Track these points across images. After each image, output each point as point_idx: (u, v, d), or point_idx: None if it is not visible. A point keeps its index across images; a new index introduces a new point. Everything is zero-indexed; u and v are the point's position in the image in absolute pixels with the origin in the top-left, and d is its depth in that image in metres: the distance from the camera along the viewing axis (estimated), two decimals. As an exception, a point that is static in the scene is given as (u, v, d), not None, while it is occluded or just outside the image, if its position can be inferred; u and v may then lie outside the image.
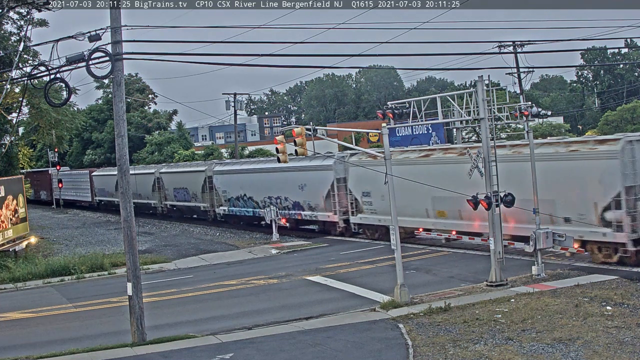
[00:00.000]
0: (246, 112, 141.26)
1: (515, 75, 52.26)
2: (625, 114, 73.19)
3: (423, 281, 22.62)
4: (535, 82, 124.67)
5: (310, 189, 35.99)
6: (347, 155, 34.05)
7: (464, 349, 14.56)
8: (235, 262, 30.16)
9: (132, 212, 17.29)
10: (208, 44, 19.98)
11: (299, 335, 16.86)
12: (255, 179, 40.68)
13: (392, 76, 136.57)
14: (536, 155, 22.37)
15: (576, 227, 22.94)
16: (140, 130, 73.61)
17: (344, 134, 71.59)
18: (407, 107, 22.33)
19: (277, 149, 21.70)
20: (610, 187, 22.08)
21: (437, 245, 29.48)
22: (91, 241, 40.75)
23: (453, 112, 22.95)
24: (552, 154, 23.95)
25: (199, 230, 44.14)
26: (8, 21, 36.23)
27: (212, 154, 66.73)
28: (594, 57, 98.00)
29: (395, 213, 19.75)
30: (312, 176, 35.69)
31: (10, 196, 32.77)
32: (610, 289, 18.87)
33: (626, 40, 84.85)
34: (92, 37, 16.14)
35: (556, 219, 23.27)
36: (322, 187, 35.03)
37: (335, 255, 29.69)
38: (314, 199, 35.87)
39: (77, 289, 26.41)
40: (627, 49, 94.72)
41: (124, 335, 17.61)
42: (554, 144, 24.49)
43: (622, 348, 13.75)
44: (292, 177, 37.00)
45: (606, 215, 22.32)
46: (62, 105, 33.60)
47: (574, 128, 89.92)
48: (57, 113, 39.33)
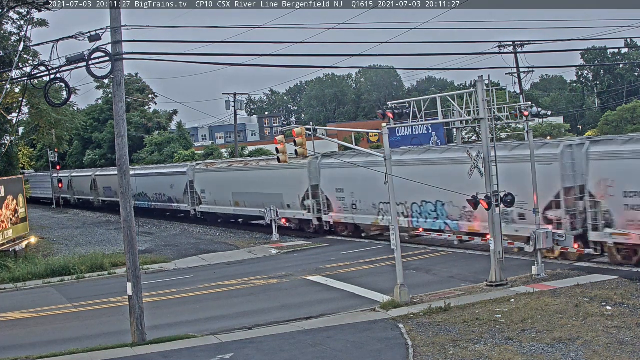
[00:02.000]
0: (246, 112, 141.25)
1: (515, 75, 52.26)
2: (625, 114, 73.21)
3: (423, 281, 22.62)
4: (535, 82, 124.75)
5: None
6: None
7: (464, 349, 14.56)
8: (235, 262, 30.16)
9: (132, 212, 17.28)
10: (208, 44, 19.99)
11: (299, 335, 16.86)
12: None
13: (392, 76, 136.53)
14: None
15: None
16: (140, 130, 73.60)
17: (344, 134, 71.58)
18: (407, 107, 22.32)
19: (277, 149, 21.71)
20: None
21: (437, 245, 29.50)
22: (91, 241, 40.75)
23: (453, 112, 22.95)
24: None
25: (199, 230, 44.16)
26: (8, 21, 36.20)
27: (212, 154, 66.73)
28: (594, 57, 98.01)
29: (395, 213, 19.74)
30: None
31: (10, 196, 32.77)
32: (610, 289, 18.87)
33: (626, 40, 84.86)
34: (92, 37, 16.14)
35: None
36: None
37: (335, 255, 29.70)
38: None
39: (77, 289, 26.40)
40: (627, 49, 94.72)
41: (124, 335, 17.61)
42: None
43: (622, 348, 13.76)
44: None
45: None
46: (62, 105, 33.57)
47: (574, 128, 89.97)
48: (57, 113, 39.32)
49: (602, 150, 22.88)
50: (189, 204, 47.48)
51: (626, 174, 21.66)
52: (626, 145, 22.25)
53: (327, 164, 34.64)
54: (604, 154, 22.71)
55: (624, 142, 22.60)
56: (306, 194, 36.23)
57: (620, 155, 22.12)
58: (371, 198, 31.92)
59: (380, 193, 28.82)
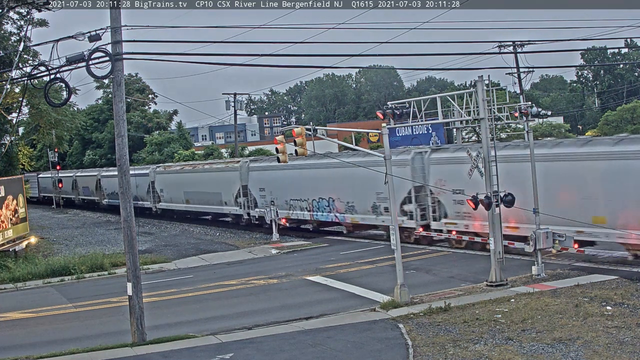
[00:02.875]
0: (246, 112, 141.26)
1: (515, 75, 52.23)
2: (625, 114, 73.20)
3: (423, 281, 22.62)
4: (535, 82, 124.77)
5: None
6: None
7: (464, 349, 14.56)
8: (235, 262, 30.17)
9: (132, 212, 17.28)
10: (208, 44, 19.97)
11: (299, 335, 16.86)
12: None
13: (392, 76, 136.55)
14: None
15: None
16: (140, 130, 73.60)
17: (344, 134, 71.57)
18: (407, 107, 22.32)
19: (277, 149, 21.72)
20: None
21: (437, 245, 29.50)
22: (91, 241, 40.77)
23: (453, 112, 22.96)
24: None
25: (199, 230, 44.20)
26: (8, 21, 36.20)
27: (212, 154, 66.74)
28: (594, 57, 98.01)
29: (395, 213, 19.74)
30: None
31: (10, 196, 32.77)
32: (610, 289, 18.87)
33: (626, 40, 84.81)
34: (92, 37, 16.13)
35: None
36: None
37: (335, 255, 29.70)
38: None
39: (77, 289, 26.41)
40: (627, 49, 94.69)
41: (124, 335, 17.61)
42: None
43: (622, 348, 13.75)
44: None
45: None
46: (62, 105, 33.57)
47: (574, 128, 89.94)
48: (57, 113, 39.33)
49: (438, 157, 29.02)
50: (150, 202, 53.78)
51: (453, 175, 27.30)
52: (456, 152, 27.83)
53: (255, 167, 40.87)
54: (439, 160, 28.76)
55: (455, 149, 28.26)
56: (238, 193, 41.76)
57: (449, 161, 28.08)
58: (284, 195, 37.89)
59: (291, 191, 37.23)
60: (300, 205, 37.23)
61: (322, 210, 35.68)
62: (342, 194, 33.97)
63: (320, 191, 35.53)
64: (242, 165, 41.78)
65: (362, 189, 32.31)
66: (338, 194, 34.21)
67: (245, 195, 41.37)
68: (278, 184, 38.42)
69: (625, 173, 21.61)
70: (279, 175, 37.78)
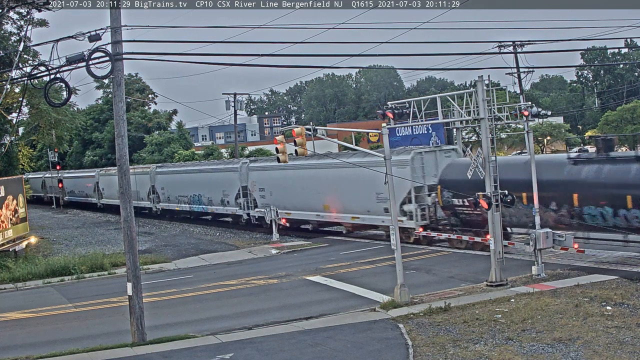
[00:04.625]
0: (246, 112, 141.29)
1: (515, 75, 52.24)
2: (625, 114, 73.24)
3: (423, 281, 22.62)
4: (535, 82, 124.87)
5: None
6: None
7: (464, 349, 14.56)
8: (235, 262, 30.16)
9: (132, 212, 17.27)
10: (208, 44, 19.97)
11: (298, 335, 16.86)
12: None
13: (392, 76, 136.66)
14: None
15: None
16: (140, 130, 73.54)
17: (344, 134, 71.58)
18: (407, 107, 22.33)
19: (277, 149, 21.69)
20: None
21: (437, 245, 29.51)
22: (91, 241, 40.76)
23: (453, 112, 22.95)
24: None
25: (199, 230, 44.19)
26: (8, 21, 36.21)
27: (212, 154, 66.72)
28: (594, 57, 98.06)
29: (395, 213, 19.73)
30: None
31: (10, 196, 32.77)
32: (610, 289, 18.86)
33: (626, 40, 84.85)
34: (92, 37, 16.12)
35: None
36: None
37: (335, 255, 29.70)
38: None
39: (77, 289, 26.40)
40: (627, 49, 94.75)
41: (124, 335, 17.61)
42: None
43: (622, 348, 13.75)
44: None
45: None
46: (62, 105, 33.54)
47: (574, 128, 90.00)
48: (57, 113, 39.30)
49: (257, 165, 38.53)
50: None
51: (267, 181, 35.77)
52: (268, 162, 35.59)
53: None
54: (257, 168, 37.62)
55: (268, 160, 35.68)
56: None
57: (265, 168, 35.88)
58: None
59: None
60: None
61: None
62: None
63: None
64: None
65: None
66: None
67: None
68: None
69: (335, 178, 34.01)
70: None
